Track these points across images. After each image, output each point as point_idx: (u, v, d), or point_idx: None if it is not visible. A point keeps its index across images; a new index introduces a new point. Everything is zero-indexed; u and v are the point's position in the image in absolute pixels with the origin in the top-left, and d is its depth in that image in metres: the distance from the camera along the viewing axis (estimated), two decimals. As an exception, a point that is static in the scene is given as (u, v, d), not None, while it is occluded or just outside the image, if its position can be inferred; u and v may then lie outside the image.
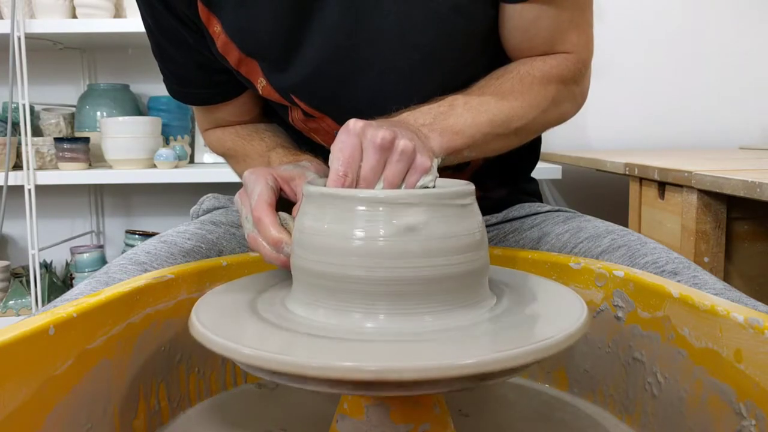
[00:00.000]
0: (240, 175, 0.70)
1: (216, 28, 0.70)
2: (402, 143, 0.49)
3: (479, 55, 0.71)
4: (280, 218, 0.54)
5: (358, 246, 0.42)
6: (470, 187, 0.47)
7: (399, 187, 0.49)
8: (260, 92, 0.74)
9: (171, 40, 0.75)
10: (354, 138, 0.49)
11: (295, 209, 0.55)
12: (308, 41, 0.68)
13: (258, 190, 0.55)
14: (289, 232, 0.52)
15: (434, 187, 0.50)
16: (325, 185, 0.48)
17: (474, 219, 0.46)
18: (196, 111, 0.88)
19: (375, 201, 0.43)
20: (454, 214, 0.44)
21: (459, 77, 0.68)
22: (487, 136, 0.63)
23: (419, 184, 0.50)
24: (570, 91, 0.72)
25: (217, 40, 0.70)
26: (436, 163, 0.52)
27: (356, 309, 0.42)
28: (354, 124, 0.49)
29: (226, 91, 0.80)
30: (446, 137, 0.59)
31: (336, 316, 0.43)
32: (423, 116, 0.60)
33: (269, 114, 0.84)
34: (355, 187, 0.48)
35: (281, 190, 0.57)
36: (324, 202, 0.45)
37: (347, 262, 0.42)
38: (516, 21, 0.70)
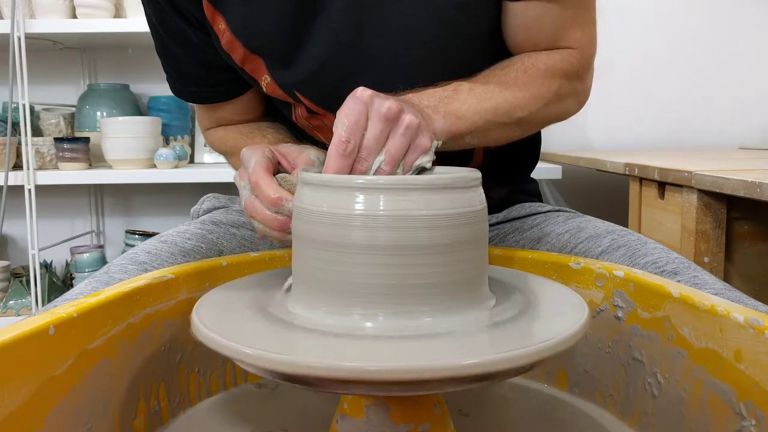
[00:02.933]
0: None
1: (221, 26, 0.70)
2: (408, 118, 0.50)
3: (482, 52, 0.71)
4: (278, 179, 0.54)
5: (358, 215, 0.42)
6: (475, 174, 0.46)
7: (399, 161, 0.49)
8: (264, 90, 0.74)
9: (175, 39, 0.75)
10: (361, 105, 0.49)
11: (294, 172, 0.55)
12: (313, 38, 0.68)
13: (255, 159, 0.55)
14: (289, 191, 0.52)
15: (431, 168, 0.51)
16: (320, 172, 0.48)
17: (477, 202, 0.45)
18: (198, 110, 0.88)
19: (374, 187, 0.42)
20: (457, 198, 0.44)
21: (462, 74, 0.68)
22: (489, 124, 0.63)
23: (417, 163, 0.50)
24: (573, 87, 0.72)
25: (222, 38, 0.71)
26: (435, 145, 0.52)
27: (356, 306, 0.42)
28: (362, 91, 0.50)
29: (230, 89, 0.80)
30: (449, 120, 0.59)
31: (336, 316, 0.43)
32: (428, 98, 0.60)
33: (272, 113, 0.84)
34: (356, 155, 0.48)
35: (279, 163, 0.57)
36: (321, 188, 0.44)
37: (347, 234, 0.42)
38: (519, 19, 0.70)
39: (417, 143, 0.50)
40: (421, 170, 0.52)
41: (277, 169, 0.57)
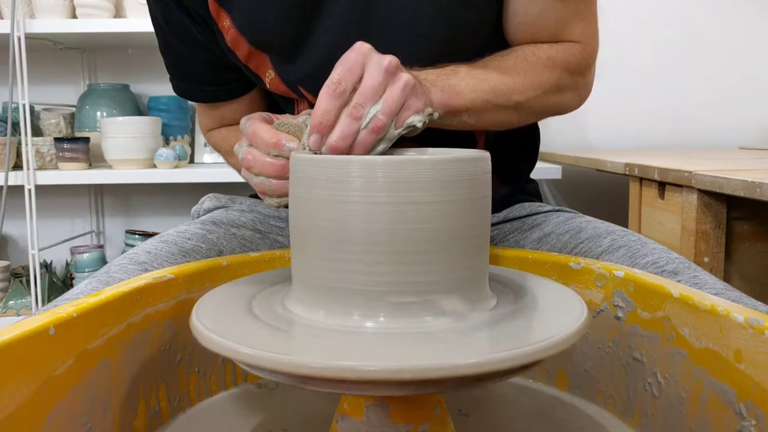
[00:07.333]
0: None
1: (225, 23, 0.70)
2: (406, 76, 0.51)
3: (485, 47, 0.72)
4: (275, 125, 0.55)
5: (356, 194, 0.41)
6: (483, 154, 0.46)
7: (395, 114, 0.50)
8: (268, 86, 0.74)
9: (180, 37, 0.75)
10: (358, 56, 0.50)
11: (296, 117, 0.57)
12: (317, 33, 0.69)
13: (252, 118, 0.56)
14: (288, 133, 0.53)
15: (421, 128, 0.52)
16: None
17: (482, 187, 0.45)
18: (199, 111, 0.88)
19: (373, 165, 0.41)
20: (461, 179, 0.43)
21: None
22: (486, 104, 0.64)
23: (409, 121, 0.51)
24: (574, 80, 0.73)
25: (226, 35, 0.71)
26: (428, 111, 0.53)
27: (356, 305, 0.42)
28: (361, 44, 0.51)
29: (233, 88, 0.81)
30: (447, 94, 0.60)
31: (336, 316, 0.43)
32: (426, 74, 0.61)
33: (275, 113, 0.85)
34: (348, 99, 0.49)
35: None
36: (316, 166, 0.43)
37: (346, 213, 0.42)
38: (521, 15, 0.70)
39: (410, 102, 0.51)
40: (410, 135, 0.53)
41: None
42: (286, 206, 0.51)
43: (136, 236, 1.94)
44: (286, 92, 0.74)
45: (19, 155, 1.84)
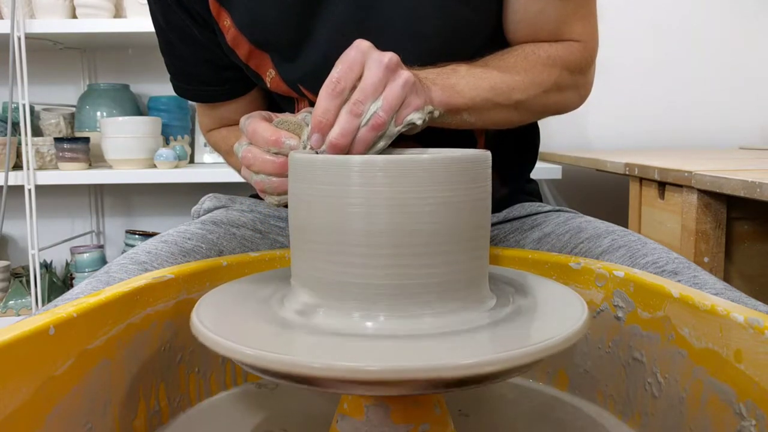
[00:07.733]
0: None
1: (226, 22, 0.71)
2: (406, 73, 0.51)
3: (486, 46, 0.72)
4: (275, 123, 0.55)
5: (356, 192, 0.41)
6: (484, 153, 0.46)
7: (395, 111, 0.50)
8: (268, 85, 0.74)
9: (181, 37, 0.76)
10: (358, 54, 0.50)
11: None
12: (318, 31, 0.69)
13: (252, 117, 0.57)
14: (287, 131, 0.53)
15: (422, 126, 0.52)
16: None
17: (482, 186, 0.44)
18: (199, 111, 0.88)
19: (372, 163, 0.41)
20: (461, 177, 0.43)
21: None
22: (487, 102, 0.64)
23: (408, 118, 0.51)
24: (574, 79, 0.73)
25: (227, 34, 0.71)
26: (428, 108, 0.53)
27: (356, 305, 0.42)
28: (361, 42, 0.51)
29: (234, 88, 0.81)
30: (447, 92, 0.60)
31: (335, 315, 0.43)
32: (426, 72, 0.61)
33: (275, 112, 0.85)
34: (348, 97, 0.49)
35: None
36: (315, 165, 0.43)
37: (346, 212, 0.41)
38: (521, 14, 0.71)
39: (410, 100, 0.51)
40: (410, 133, 0.53)
41: None
42: (286, 205, 0.51)
43: (136, 236, 1.94)
44: (286, 91, 0.74)
45: (19, 155, 1.84)
